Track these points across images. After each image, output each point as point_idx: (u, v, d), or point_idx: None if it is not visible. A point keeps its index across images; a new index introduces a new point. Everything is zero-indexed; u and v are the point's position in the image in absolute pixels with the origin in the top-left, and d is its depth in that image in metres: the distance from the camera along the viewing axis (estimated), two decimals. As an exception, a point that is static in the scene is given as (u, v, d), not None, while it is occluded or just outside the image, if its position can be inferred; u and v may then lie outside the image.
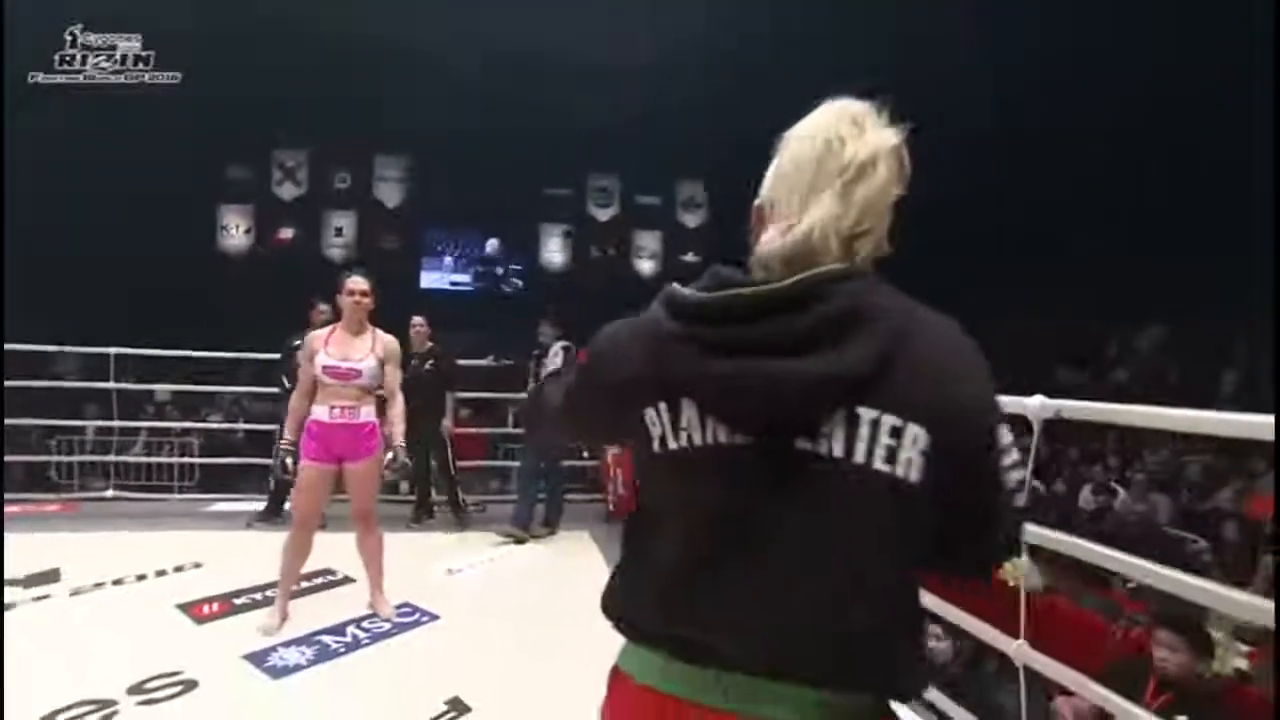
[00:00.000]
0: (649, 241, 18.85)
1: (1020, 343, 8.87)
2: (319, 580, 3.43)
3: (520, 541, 4.30)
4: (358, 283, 3.03)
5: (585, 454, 5.29)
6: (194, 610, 3.08)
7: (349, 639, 2.86)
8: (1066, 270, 10.62)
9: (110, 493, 4.74)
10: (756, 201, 0.83)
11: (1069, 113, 11.07)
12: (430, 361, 4.42)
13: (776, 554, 0.71)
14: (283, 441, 3.02)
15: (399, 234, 15.80)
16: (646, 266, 18.93)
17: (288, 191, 15.06)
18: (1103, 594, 4.33)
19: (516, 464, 7.25)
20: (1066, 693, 2.90)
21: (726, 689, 0.74)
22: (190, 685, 2.43)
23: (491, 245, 17.08)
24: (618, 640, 0.88)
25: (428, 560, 3.84)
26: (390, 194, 15.66)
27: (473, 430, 6.83)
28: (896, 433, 0.68)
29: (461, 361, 4.72)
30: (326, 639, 2.84)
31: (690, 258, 19.09)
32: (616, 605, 0.85)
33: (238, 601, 3.19)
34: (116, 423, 5.10)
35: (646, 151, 16.12)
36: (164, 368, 6.58)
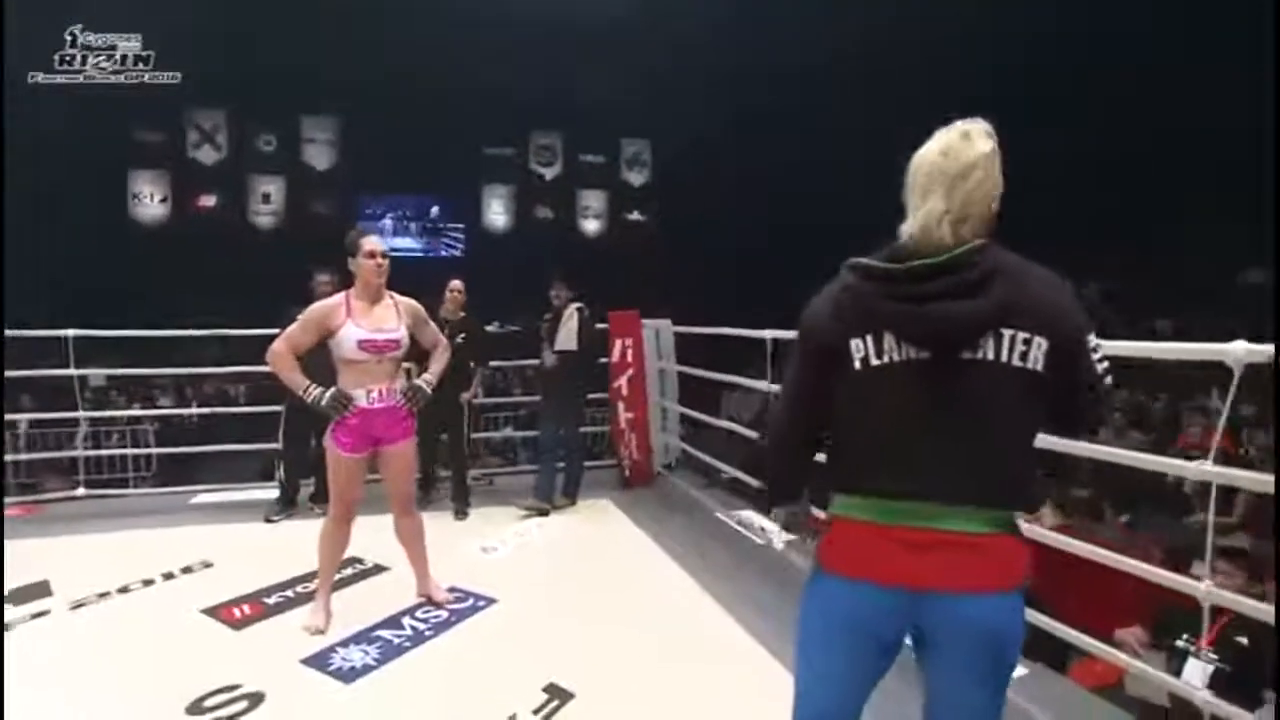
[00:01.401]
0: (593, 201, 18.46)
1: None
2: (350, 571, 3.17)
3: (544, 514, 4.12)
4: (378, 243, 2.70)
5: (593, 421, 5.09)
6: (224, 614, 2.78)
7: (410, 632, 2.64)
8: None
9: (81, 491, 4.25)
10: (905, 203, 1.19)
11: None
12: (463, 333, 4.05)
13: (954, 424, 1.12)
14: (310, 390, 2.55)
15: (332, 199, 14.89)
16: (592, 226, 18.57)
17: (207, 155, 13.87)
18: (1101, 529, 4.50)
19: (516, 434, 7.08)
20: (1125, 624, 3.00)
21: (925, 514, 1.13)
22: (256, 699, 2.19)
23: (434, 210, 16.39)
24: (686, 597, 0.90)
25: (456, 540, 3.62)
26: (320, 157, 14.68)
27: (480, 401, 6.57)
28: (1026, 342, 1.08)
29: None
30: (386, 634, 2.62)
31: (636, 216, 18.85)
32: (834, 473, 1.23)
33: (270, 601, 2.91)
34: (82, 414, 4.59)
35: (590, 108, 15.63)
36: (98, 350, 5.98)
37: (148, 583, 3.10)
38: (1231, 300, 8.39)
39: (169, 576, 3.17)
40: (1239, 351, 1.76)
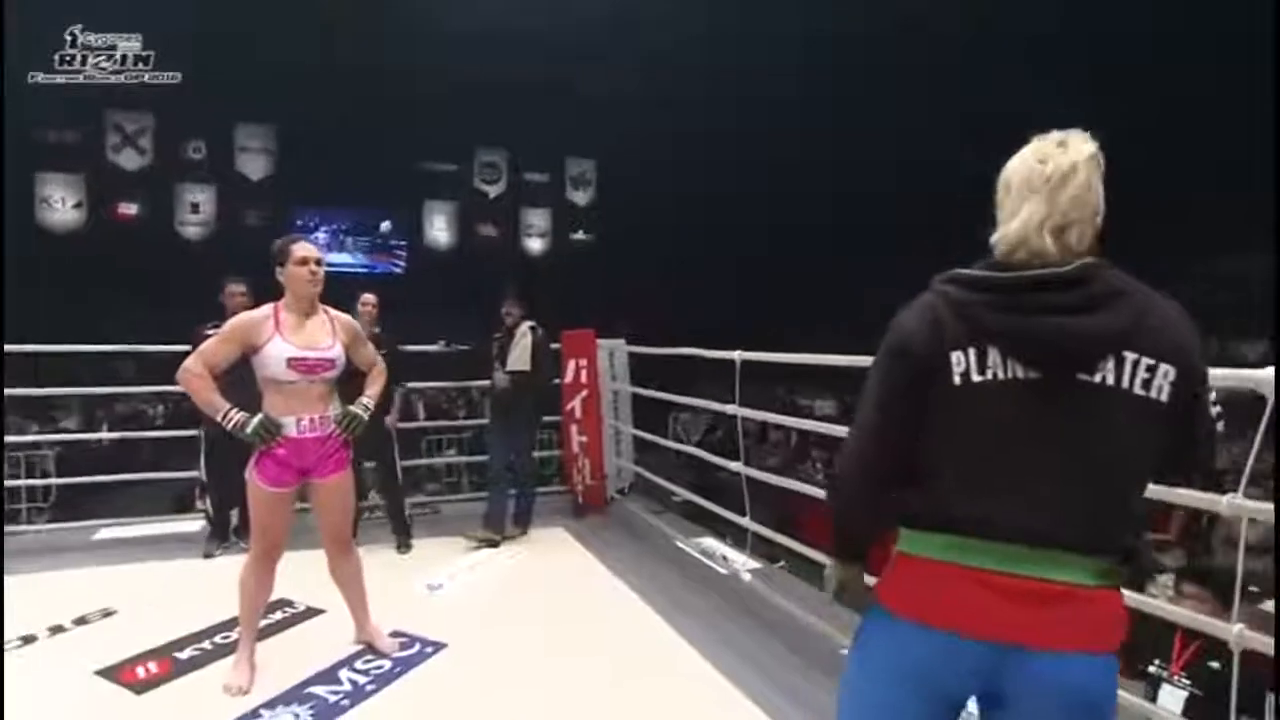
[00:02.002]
0: (537, 219, 18.25)
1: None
2: (278, 616, 2.84)
3: (494, 544, 3.84)
4: (310, 249, 2.41)
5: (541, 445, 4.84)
6: (124, 675, 2.40)
7: (349, 687, 2.34)
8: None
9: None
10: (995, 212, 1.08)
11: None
12: (381, 351, 3.75)
13: (1066, 456, 0.98)
14: (231, 415, 2.24)
15: (265, 210, 14.22)
16: (536, 245, 18.34)
17: (129, 160, 13.02)
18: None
19: (460, 459, 6.73)
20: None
21: (1027, 559, 0.99)
22: (161, 778, 1.86)
23: (385, 226, 15.83)
24: (651, 634, 0.76)
25: (398, 577, 3.32)
26: (254, 166, 14.00)
27: (418, 424, 6.18)
28: (1151, 369, 0.96)
29: (409, 348, 4.11)
30: (321, 690, 2.31)
31: (581, 236, 18.72)
32: (913, 503, 1.07)
33: (181, 656, 2.54)
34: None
35: (536, 126, 15.46)
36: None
37: (28, 640, 2.66)
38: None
39: (57, 630, 2.75)
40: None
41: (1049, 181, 1.00)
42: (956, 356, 1.00)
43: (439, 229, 16.43)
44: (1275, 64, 6.49)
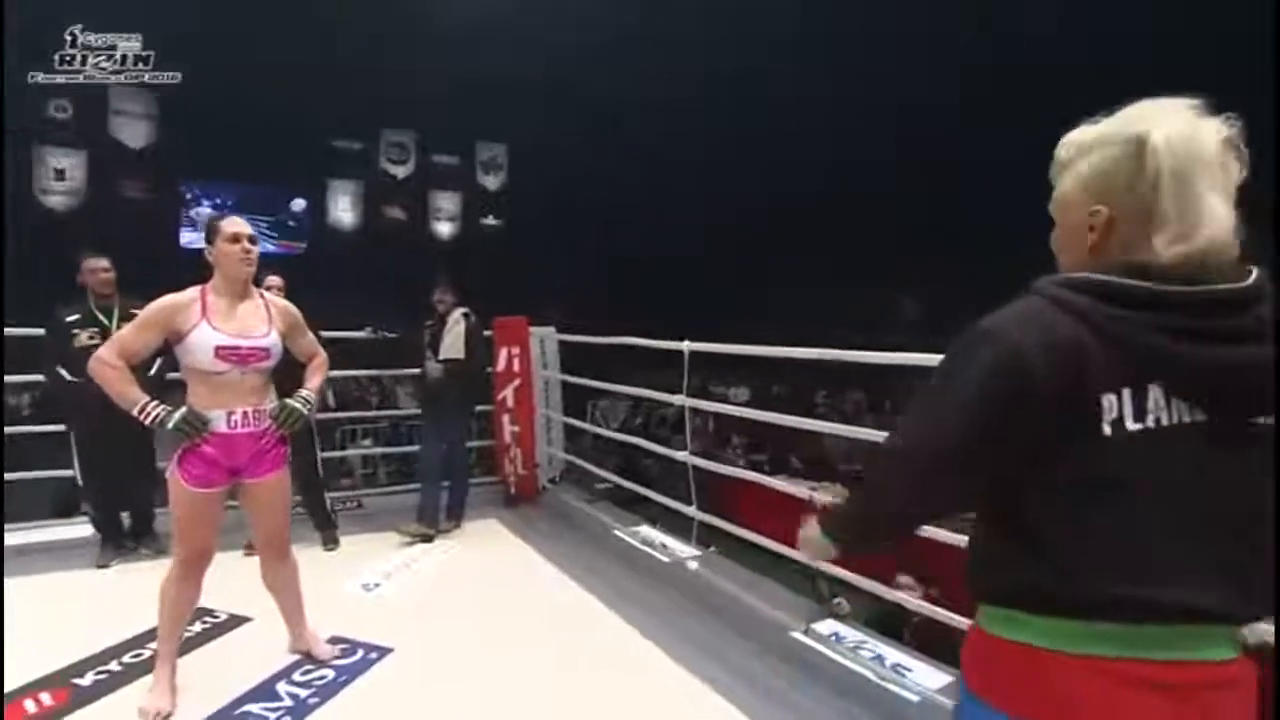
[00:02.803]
0: (446, 203, 17.67)
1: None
2: (198, 628, 2.60)
3: (429, 539, 3.69)
4: (243, 225, 2.20)
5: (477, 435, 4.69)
6: (11, 712, 2.11)
7: (289, 702, 2.18)
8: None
9: None
10: (1098, 207, 0.85)
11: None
12: None
13: (1237, 515, 0.81)
14: (151, 409, 2.03)
15: (144, 181, 13.01)
16: (445, 229, 17.76)
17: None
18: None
19: (377, 450, 6.42)
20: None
21: (1179, 641, 0.80)
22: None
23: (298, 205, 14.79)
24: (599, 623, 0.74)
25: (331, 577, 3.12)
26: (133, 133, 12.74)
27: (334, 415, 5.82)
28: None
29: (331, 334, 3.85)
30: (256, 709, 2.13)
31: (491, 221, 18.28)
32: (1034, 584, 0.84)
33: (81, 683, 2.26)
34: None
35: (446, 107, 14.93)
36: None
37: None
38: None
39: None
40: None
41: (1222, 169, 0.81)
42: (1109, 401, 0.80)
43: (343, 209, 15.60)
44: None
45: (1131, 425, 0.79)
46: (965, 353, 0.85)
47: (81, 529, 3.71)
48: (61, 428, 3.48)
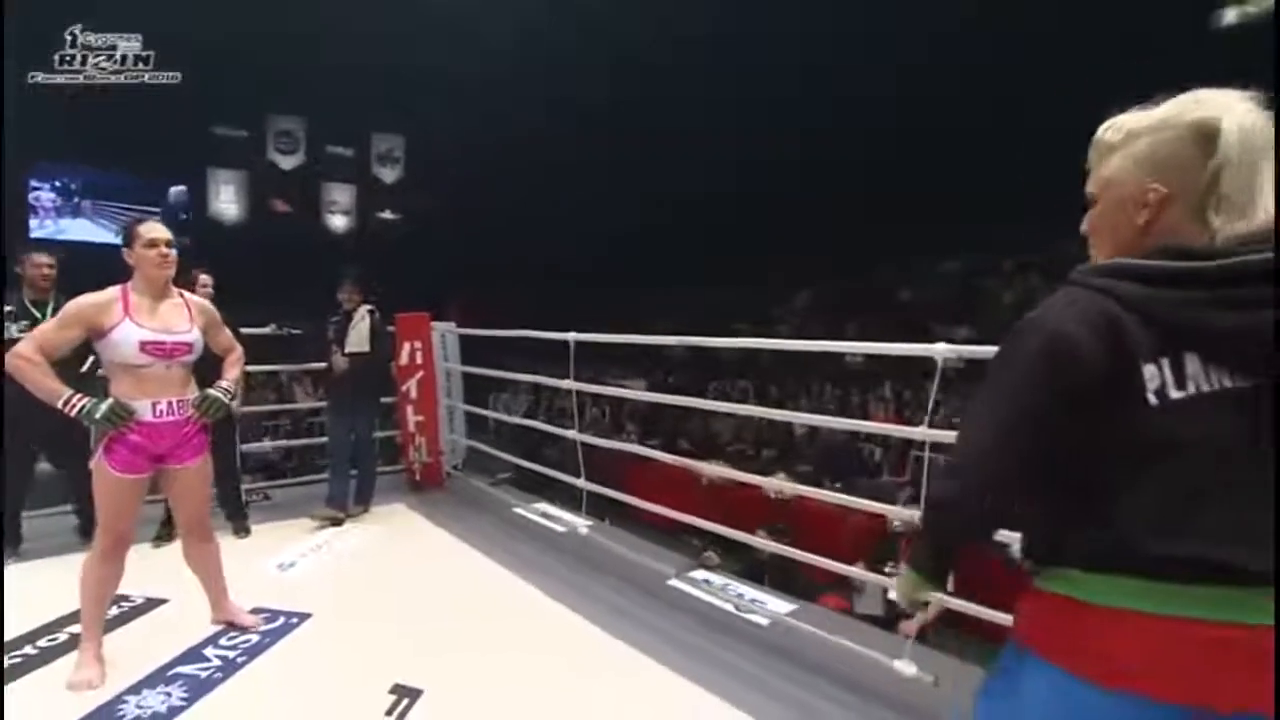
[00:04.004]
0: (341, 196, 17.19)
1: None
2: (115, 611, 2.72)
3: (338, 523, 3.92)
4: (160, 229, 2.40)
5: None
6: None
7: (218, 662, 2.41)
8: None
9: None
10: (1155, 185, 0.92)
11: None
12: None
13: (1271, 475, 0.84)
14: (74, 401, 2.20)
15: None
16: (339, 222, 17.28)
17: None
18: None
19: (276, 444, 6.42)
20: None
21: (1233, 602, 0.83)
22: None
23: (175, 192, 13.88)
24: (503, 587, 1.11)
25: (245, 560, 3.29)
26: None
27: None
28: None
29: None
30: (188, 669, 2.36)
31: (388, 215, 17.91)
32: (1092, 543, 0.90)
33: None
34: None
35: (338, 97, 14.52)
36: None
37: None
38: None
39: None
40: (941, 349, 2.34)
41: (1271, 154, 0.87)
42: (1150, 371, 0.85)
43: (225, 200, 14.91)
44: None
45: (1174, 394, 0.85)
46: (1012, 344, 0.93)
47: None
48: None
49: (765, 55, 12.26)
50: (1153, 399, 0.85)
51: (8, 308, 3.28)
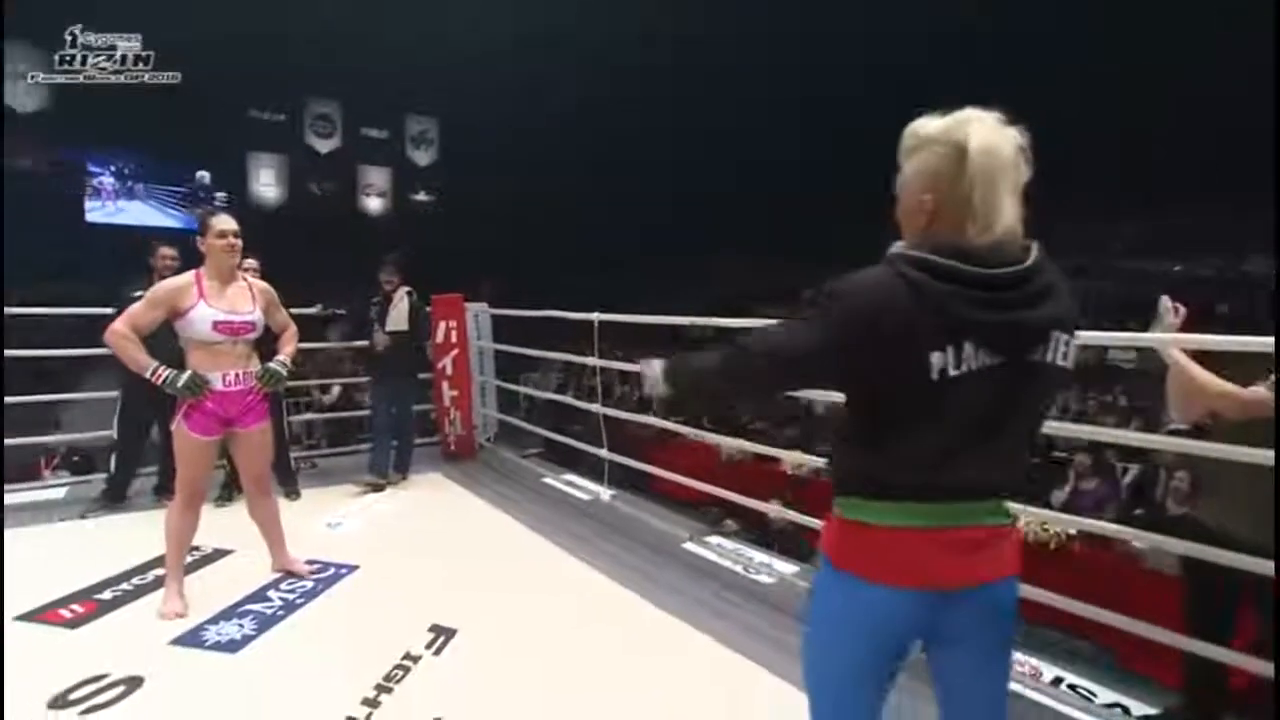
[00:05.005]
0: (377, 178, 17.58)
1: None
2: (191, 559, 3.05)
3: (379, 489, 4.24)
4: (230, 223, 2.71)
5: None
6: (50, 616, 2.59)
7: (279, 603, 2.73)
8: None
9: None
10: (927, 196, 1.12)
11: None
12: None
13: (1011, 420, 1.11)
14: (160, 372, 2.51)
15: (39, 151, 12.58)
16: (375, 204, 17.69)
17: None
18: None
19: (319, 417, 6.80)
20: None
21: (976, 513, 1.14)
22: (134, 683, 2.17)
23: (199, 177, 14.40)
24: (533, 545, 1.44)
25: (297, 519, 3.58)
26: (22, 97, 12.27)
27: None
28: (1067, 344, 1.12)
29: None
30: (255, 607, 2.69)
31: (422, 197, 18.28)
32: (871, 476, 1.16)
33: (103, 597, 2.76)
34: None
35: (373, 79, 14.84)
36: None
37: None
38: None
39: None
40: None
41: (1013, 171, 1.08)
42: (936, 357, 1.05)
43: (265, 184, 15.39)
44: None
45: (952, 372, 1.06)
46: (821, 305, 1.10)
47: (45, 493, 4.11)
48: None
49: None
50: (935, 376, 1.05)
51: (137, 293, 3.63)
